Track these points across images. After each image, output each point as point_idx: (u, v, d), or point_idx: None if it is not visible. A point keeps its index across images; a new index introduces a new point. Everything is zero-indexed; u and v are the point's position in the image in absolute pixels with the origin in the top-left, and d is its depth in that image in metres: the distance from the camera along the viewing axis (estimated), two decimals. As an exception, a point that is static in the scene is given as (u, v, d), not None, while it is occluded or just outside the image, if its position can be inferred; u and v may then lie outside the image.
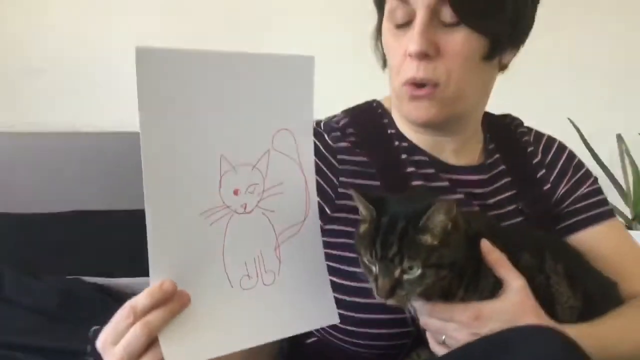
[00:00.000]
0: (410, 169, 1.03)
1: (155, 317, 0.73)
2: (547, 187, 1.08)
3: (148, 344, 0.73)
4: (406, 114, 1.00)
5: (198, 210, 0.78)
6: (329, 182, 1.00)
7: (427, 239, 0.79)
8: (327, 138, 1.02)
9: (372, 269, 0.81)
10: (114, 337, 0.73)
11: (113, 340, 0.73)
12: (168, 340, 0.74)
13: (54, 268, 1.87)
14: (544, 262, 0.89)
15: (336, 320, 0.88)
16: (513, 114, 1.17)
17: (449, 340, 0.85)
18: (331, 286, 0.89)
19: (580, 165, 1.11)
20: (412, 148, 1.04)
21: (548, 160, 1.10)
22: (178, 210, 0.77)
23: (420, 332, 0.91)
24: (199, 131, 0.78)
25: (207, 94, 0.78)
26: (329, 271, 0.92)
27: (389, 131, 1.06)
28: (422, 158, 1.04)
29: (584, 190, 1.09)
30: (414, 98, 0.96)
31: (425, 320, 0.86)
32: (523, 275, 0.85)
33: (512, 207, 1.05)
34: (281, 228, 0.85)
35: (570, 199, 1.08)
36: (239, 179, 0.81)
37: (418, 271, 0.79)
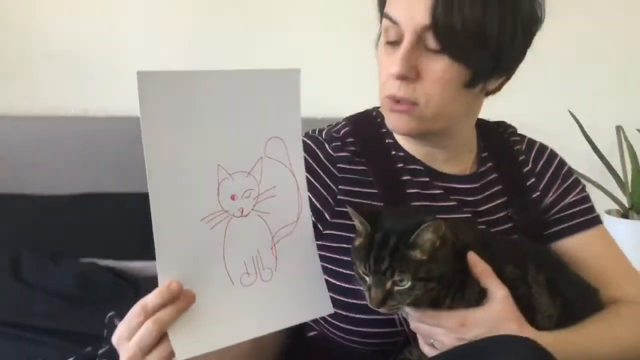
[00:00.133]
0: (406, 177, 1.08)
1: (164, 314, 0.79)
2: (536, 195, 1.12)
3: (158, 338, 0.79)
4: (388, 124, 1.06)
5: (199, 216, 0.84)
6: (329, 190, 1.05)
7: (416, 254, 0.85)
8: (328, 148, 1.08)
9: (366, 280, 0.87)
10: (127, 333, 0.79)
11: (127, 336, 0.79)
12: (176, 335, 0.81)
13: (69, 251, 1.93)
14: (527, 273, 0.94)
15: (330, 310, 0.94)
16: (516, 106, 1.18)
17: (437, 344, 0.91)
18: (329, 287, 0.94)
19: (568, 174, 1.15)
20: (408, 157, 1.09)
21: (538, 169, 1.14)
22: (181, 217, 0.83)
23: (410, 333, 0.96)
24: (197, 144, 0.84)
25: (203, 110, 0.84)
26: (328, 273, 0.98)
27: (387, 141, 1.11)
28: (418, 167, 1.09)
29: (571, 198, 1.13)
30: (395, 110, 1.01)
31: (416, 324, 0.92)
32: (507, 286, 0.90)
33: (502, 214, 1.10)
34: (276, 228, 0.90)
35: (558, 207, 1.12)
36: (235, 185, 0.86)
37: (408, 283, 0.84)
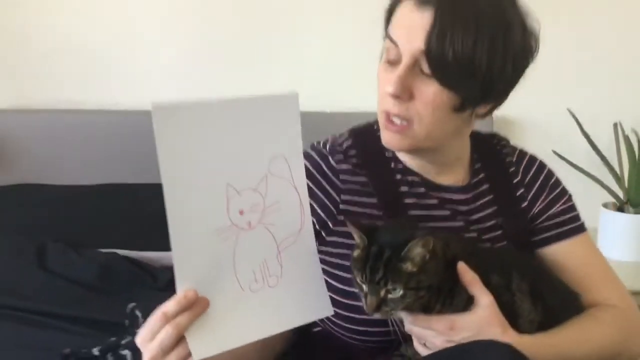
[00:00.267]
0: (404, 188, 1.15)
1: (182, 319, 0.88)
2: (524, 204, 1.19)
3: (177, 340, 0.89)
4: (382, 139, 1.11)
5: (211, 231, 0.91)
6: (332, 200, 1.13)
7: (407, 266, 0.93)
8: (332, 160, 1.15)
9: (363, 288, 0.96)
10: (150, 336, 0.89)
11: (149, 338, 0.89)
12: (193, 337, 0.90)
13: (90, 241, 2.01)
14: (511, 281, 1.02)
15: (330, 312, 1.03)
16: (517, 103, 1.20)
17: (429, 344, 1.00)
18: (331, 289, 1.03)
19: (556, 185, 1.22)
20: (406, 169, 1.17)
21: (527, 180, 1.21)
22: (195, 232, 0.90)
23: (404, 334, 1.05)
24: (208, 166, 0.91)
25: (212, 136, 0.91)
26: (330, 276, 1.07)
27: (386, 154, 1.18)
28: (415, 178, 1.16)
29: (557, 208, 1.20)
30: (388, 128, 1.08)
31: (409, 327, 1.01)
32: (492, 294, 0.98)
33: (493, 222, 1.17)
34: (281, 238, 0.98)
35: (545, 216, 1.19)
36: (243, 202, 0.93)
37: (400, 292, 0.93)
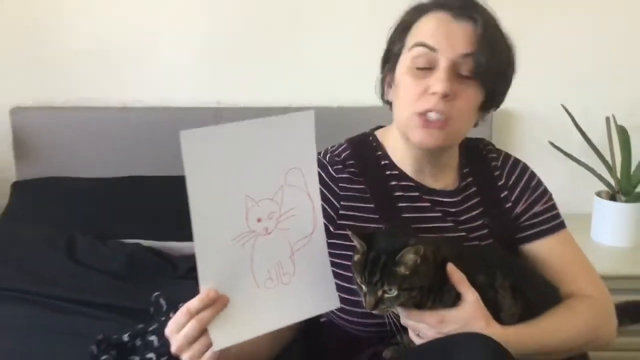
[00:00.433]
0: (398, 193, 1.27)
1: (204, 314, 0.99)
2: (508, 205, 1.30)
3: (200, 333, 1.00)
4: (416, 139, 1.20)
5: (231, 237, 1.00)
6: (332, 206, 1.24)
7: (401, 270, 1.04)
8: (331, 170, 1.26)
9: (363, 288, 1.08)
10: (176, 329, 1.01)
11: (176, 331, 1.01)
12: (214, 330, 1.00)
13: (115, 232, 2.10)
14: (495, 280, 1.13)
15: (338, 305, 1.12)
16: (514, 97, 1.30)
17: (422, 335, 1.11)
18: None
19: (537, 186, 1.32)
20: (401, 175, 1.28)
21: (511, 182, 1.31)
22: (216, 238, 0.99)
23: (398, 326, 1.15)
24: (230, 181, 0.99)
25: (235, 154, 0.99)
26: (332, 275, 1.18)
27: (382, 162, 1.28)
28: (409, 183, 1.27)
29: (539, 207, 1.29)
30: (426, 126, 1.18)
31: (404, 320, 1.12)
32: (477, 291, 1.09)
33: (480, 222, 1.28)
34: (294, 241, 1.06)
35: (527, 215, 1.29)
36: (260, 210, 1.02)
37: (395, 292, 1.05)
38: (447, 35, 1.17)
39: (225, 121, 0.98)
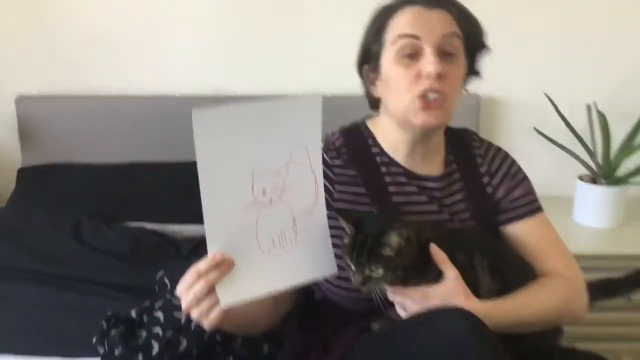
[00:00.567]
0: (387, 178, 1.35)
1: (211, 275, 1.06)
2: (490, 190, 1.38)
3: (208, 292, 1.06)
4: (419, 121, 1.26)
5: (238, 206, 1.06)
6: (327, 190, 1.31)
7: (386, 251, 1.13)
8: (326, 156, 1.34)
9: (352, 267, 1.17)
10: (186, 288, 1.08)
11: (186, 290, 1.08)
12: (221, 289, 1.06)
13: (119, 216, 2.18)
14: (474, 259, 1.22)
15: (335, 271, 1.18)
16: (499, 86, 1.38)
17: (407, 310, 1.19)
18: None
19: (517, 172, 1.40)
20: (390, 162, 1.36)
21: (492, 169, 1.39)
22: (225, 207, 1.05)
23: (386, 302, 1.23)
24: (238, 157, 1.05)
25: (244, 133, 1.04)
26: None
27: (373, 150, 1.37)
28: (397, 169, 1.36)
29: (518, 193, 1.38)
30: (428, 107, 1.25)
31: (391, 296, 1.21)
32: (458, 269, 1.18)
33: (463, 206, 1.36)
34: (297, 212, 1.13)
35: (507, 200, 1.38)
36: (266, 183, 1.08)
37: (381, 272, 1.14)
38: (426, 23, 1.26)
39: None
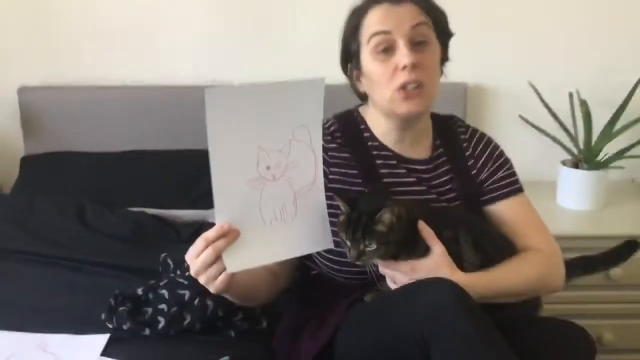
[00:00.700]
0: (379, 161, 1.44)
1: (219, 243, 1.14)
2: (474, 172, 1.48)
3: (215, 259, 1.14)
4: (401, 110, 1.35)
5: (244, 181, 1.14)
6: (323, 172, 1.39)
7: (379, 227, 1.22)
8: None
9: (347, 244, 1.26)
10: (195, 255, 1.16)
11: (195, 257, 1.16)
12: (227, 256, 1.15)
13: (121, 201, 2.22)
14: (459, 235, 1.32)
15: (331, 245, 1.26)
16: (485, 74, 1.50)
17: (397, 282, 1.29)
18: None
19: (500, 156, 1.50)
20: (381, 146, 1.45)
21: (477, 152, 1.49)
22: (231, 181, 1.13)
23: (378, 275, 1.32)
24: (244, 133, 1.11)
25: (251, 111, 1.11)
26: None
27: (365, 135, 1.46)
28: (388, 153, 1.45)
29: (500, 174, 1.47)
30: (409, 97, 1.34)
31: (382, 270, 1.30)
32: (444, 245, 1.27)
33: (449, 186, 1.46)
34: (297, 188, 1.20)
35: (490, 181, 1.47)
36: (270, 160, 1.16)
37: (374, 246, 1.23)
38: (395, 18, 1.34)
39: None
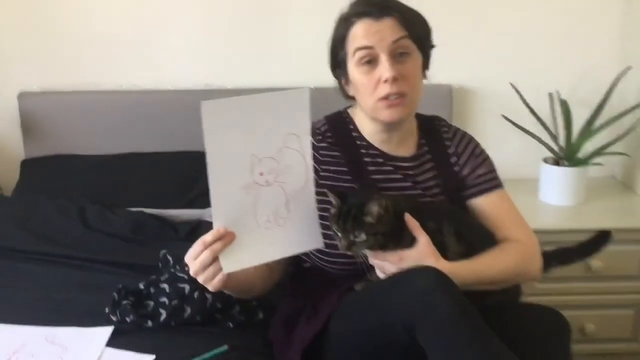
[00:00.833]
0: (367, 159, 1.52)
1: (216, 245, 1.21)
2: (456, 168, 1.56)
3: (212, 260, 1.22)
4: (386, 118, 1.44)
5: (239, 186, 1.20)
6: (314, 170, 1.44)
7: (367, 219, 1.31)
8: (313, 140, 1.47)
9: (338, 234, 1.34)
10: (194, 256, 1.24)
11: (194, 258, 1.24)
12: (224, 257, 1.21)
13: (120, 202, 2.29)
14: (443, 227, 1.40)
15: (322, 245, 1.33)
16: (470, 76, 1.62)
17: (386, 271, 1.36)
18: None
19: (480, 153, 1.58)
20: (368, 145, 1.53)
21: (459, 150, 1.57)
22: (227, 187, 1.19)
23: (368, 265, 1.39)
24: (239, 142, 1.17)
25: (245, 121, 1.17)
26: None
27: (353, 134, 1.54)
28: (375, 152, 1.53)
29: (480, 170, 1.56)
30: (391, 106, 1.43)
31: (371, 260, 1.38)
32: (429, 235, 1.35)
33: (433, 182, 1.54)
34: (289, 191, 1.27)
35: (472, 177, 1.55)
36: (263, 166, 1.22)
37: (363, 237, 1.31)
38: (376, 33, 1.42)
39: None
